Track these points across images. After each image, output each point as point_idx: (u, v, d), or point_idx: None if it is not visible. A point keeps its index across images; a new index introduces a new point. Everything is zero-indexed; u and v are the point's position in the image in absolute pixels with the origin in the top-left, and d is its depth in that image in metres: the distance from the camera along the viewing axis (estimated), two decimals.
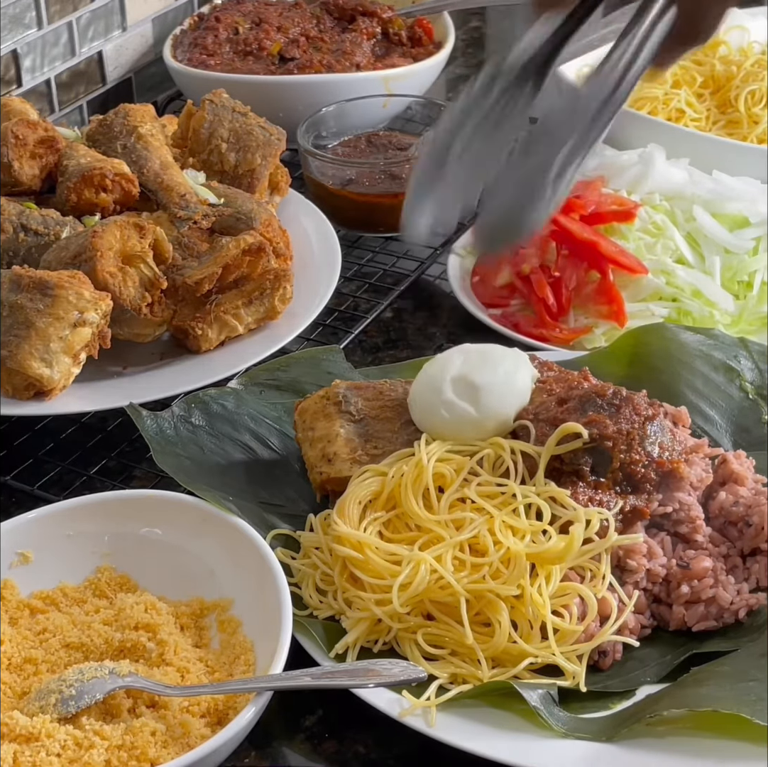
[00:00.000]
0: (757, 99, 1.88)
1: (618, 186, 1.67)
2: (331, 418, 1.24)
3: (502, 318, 1.56)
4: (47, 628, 1.11)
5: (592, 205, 1.61)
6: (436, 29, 2.01)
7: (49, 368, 1.29)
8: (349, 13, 1.99)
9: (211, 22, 1.96)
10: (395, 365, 1.43)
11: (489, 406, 1.18)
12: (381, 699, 1.06)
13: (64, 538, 1.18)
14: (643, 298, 1.56)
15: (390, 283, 1.64)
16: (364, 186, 1.64)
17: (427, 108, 1.80)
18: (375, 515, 1.16)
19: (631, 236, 1.60)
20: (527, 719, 1.05)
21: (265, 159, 1.57)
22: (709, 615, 1.14)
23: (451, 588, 1.09)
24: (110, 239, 1.35)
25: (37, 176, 1.49)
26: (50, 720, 0.99)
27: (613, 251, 1.56)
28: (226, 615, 1.13)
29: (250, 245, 1.39)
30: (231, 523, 1.16)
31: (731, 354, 1.39)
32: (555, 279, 1.55)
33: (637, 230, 1.61)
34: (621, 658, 1.12)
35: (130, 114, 1.56)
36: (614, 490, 1.15)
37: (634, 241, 1.60)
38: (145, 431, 1.26)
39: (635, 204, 1.62)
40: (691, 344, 1.39)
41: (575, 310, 1.55)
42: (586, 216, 1.60)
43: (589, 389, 1.19)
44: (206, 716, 1.03)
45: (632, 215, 1.60)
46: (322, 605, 1.15)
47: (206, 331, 1.40)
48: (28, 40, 1.83)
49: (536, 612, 1.09)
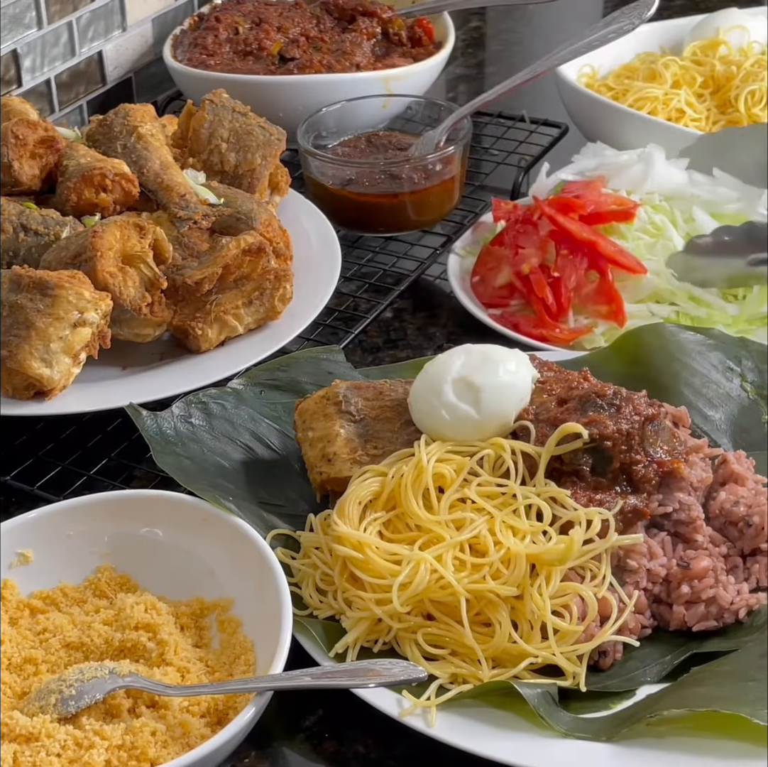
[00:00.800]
0: (757, 99, 1.88)
1: (618, 186, 1.67)
2: (331, 418, 1.24)
3: (501, 318, 1.56)
4: (47, 628, 1.11)
5: (591, 205, 1.61)
6: (436, 29, 2.01)
7: (49, 368, 1.29)
8: (349, 13, 1.99)
9: (211, 22, 1.96)
10: (395, 365, 1.43)
11: (489, 407, 1.18)
12: (381, 699, 1.06)
13: (64, 538, 1.18)
14: (642, 298, 1.56)
15: (390, 283, 1.64)
16: (364, 186, 1.64)
17: (427, 108, 1.80)
18: (375, 515, 1.16)
19: (630, 236, 1.60)
20: (527, 719, 1.05)
21: (265, 159, 1.57)
22: (709, 615, 1.14)
23: (451, 588, 1.09)
24: (110, 239, 1.35)
25: (37, 176, 1.49)
26: (50, 720, 0.99)
27: (612, 250, 1.56)
28: (226, 615, 1.14)
29: (250, 245, 1.39)
30: (231, 523, 1.16)
31: (731, 354, 1.39)
32: (554, 279, 1.55)
33: (636, 230, 1.61)
34: (621, 658, 1.12)
35: (130, 114, 1.56)
36: (614, 490, 1.15)
37: (633, 240, 1.60)
38: (145, 431, 1.26)
39: (634, 204, 1.62)
40: (691, 344, 1.39)
41: (575, 310, 1.55)
42: (585, 216, 1.60)
43: (589, 390, 1.19)
44: (206, 716, 1.03)
45: (631, 214, 1.60)
46: (322, 605, 1.15)
47: (206, 331, 1.40)
48: (28, 40, 1.83)
49: (536, 612, 1.09)
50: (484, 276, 1.62)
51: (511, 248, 1.60)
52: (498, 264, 1.61)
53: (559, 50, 1.70)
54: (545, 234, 1.58)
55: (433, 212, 1.68)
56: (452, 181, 1.66)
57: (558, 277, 1.55)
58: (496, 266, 1.61)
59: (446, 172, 1.64)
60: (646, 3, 1.67)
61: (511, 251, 1.59)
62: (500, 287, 1.60)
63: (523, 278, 1.57)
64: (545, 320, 1.53)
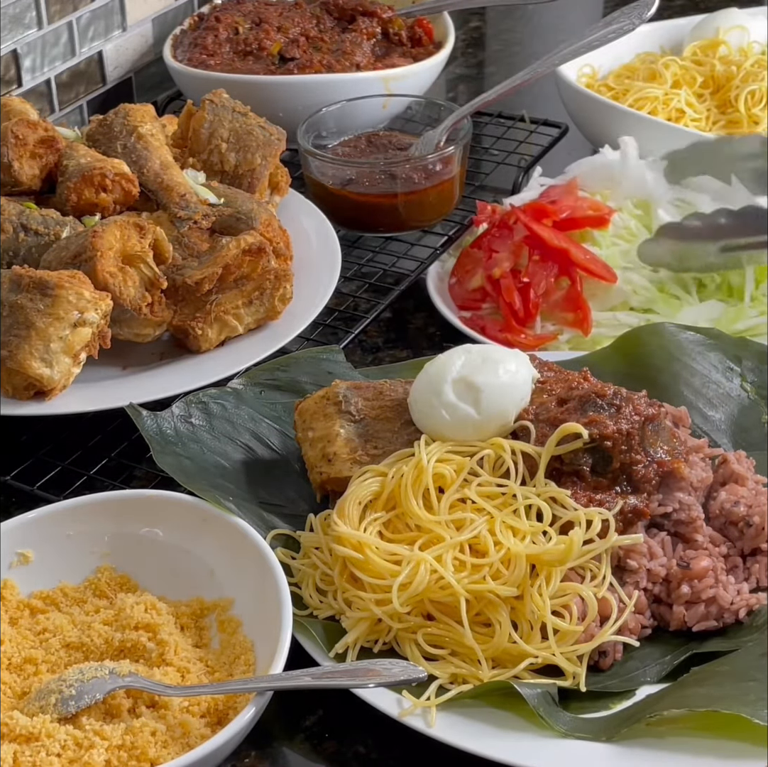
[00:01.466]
0: (757, 99, 1.88)
1: (592, 187, 1.66)
2: (331, 418, 1.24)
3: (470, 321, 1.56)
4: (47, 628, 1.11)
5: (567, 210, 1.61)
6: (436, 29, 2.00)
7: (49, 368, 1.29)
8: (349, 13, 1.99)
9: (211, 22, 1.96)
10: (395, 365, 1.43)
11: (490, 407, 1.18)
12: (381, 699, 1.06)
13: (64, 538, 1.18)
14: (612, 306, 1.56)
15: (390, 283, 1.64)
16: (364, 186, 1.64)
17: (427, 108, 1.79)
18: (375, 515, 1.16)
19: (604, 242, 1.59)
20: (527, 719, 1.05)
21: (265, 159, 1.57)
22: (709, 615, 1.14)
23: (451, 589, 1.09)
24: (110, 239, 1.35)
25: (37, 176, 1.49)
26: (50, 720, 0.99)
27: (584, 258, 1.56)
28: (226, 615, 1.13)
29: (250, 245, 1.39)
30: (231, 523, 1.16)
31: (731, 354, 1.39)
32: (524, 285, 1.55)
33: (612, 235, 1.60)
34: (621, 658, 1.12)
35: (130, 114, 1.56)
36: (614, 490, 1.15)
37: (607, 247, 1.59)
38: (145, 431, 1.26)
39: (609, 210, 1.61)
40: (691, 344, 1.39)
41: (542, 316, 1.55)
42: (559, 221, 1.60)
43: (589, 390, 1.19)
44: (206, 716, 1.03)
45: (606, 220, 1.60)
46: (322, 605, 1.15)
47: (206, 331, 1.40)
48: (28, 40, 1.83)
49: (536, 612, 1.09)
50: (460, 278, 1.62)
51: (485, 251, 1.60)
52: (474, 267, 1.62)
53: (559, 50, 1.70)
54: (519, 239, 1.58)
55: (433, 212, 1.68)
56: (452, 182, 1.66)
57: (528, 282, 1.55)
58: (472, 269, 1.62)
59: (446, 172, 1.64)
60: (646, 3, 1.67)
61: (486, 254, 1.60)
62: (473, 289, 1.60)
63: (494, 282, 1.58)
64: (511, 324, 1.53)
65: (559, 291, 1.55)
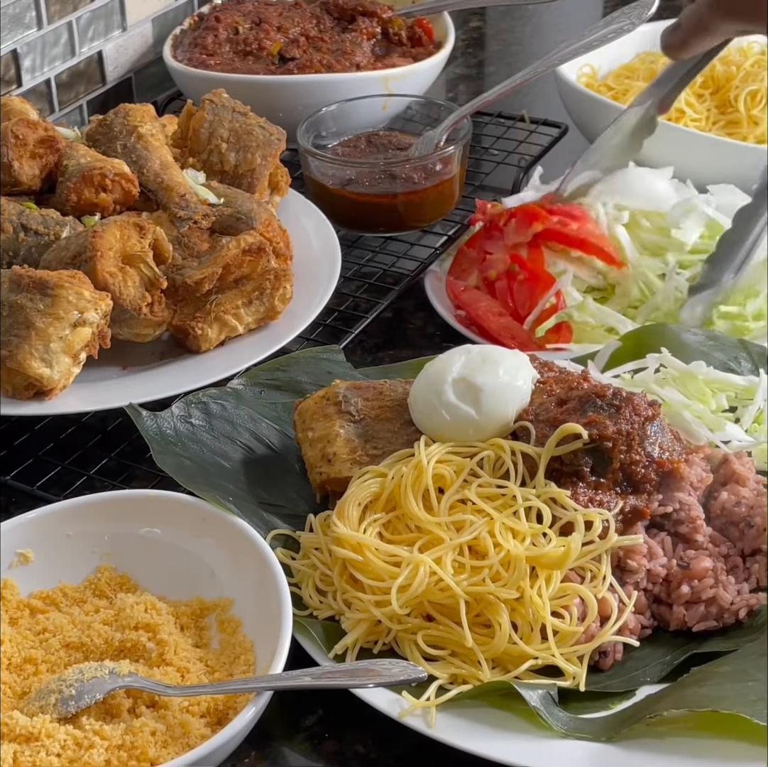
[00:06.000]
0: (757, 100, 1.88)
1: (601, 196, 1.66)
2: (330, 418, 1.24)
3: (466, 319, 1.56)
4: (47, 628, 1.11)
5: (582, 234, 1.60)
6: (436, 29, 2.01)
7: (49, 368, 1.29)
8: (349, 13, 1.99)
9: (211, 22, 1.96)
10: (395, 365, 1.43)
11: (490, 408, 1.18)
12: (381, 699, 1.06)
13: (64, 538, 1.18)
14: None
15: (390, 283, 1.64)
16: (364, 186, 1.64)
17: (427, 108, 1.79)
18: (375, 516, 1.16)
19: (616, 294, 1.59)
20: (527, 719, 1.05)
21: (265, 159, 1.57)
22: (709, 615, 1.14)
23: (450, 590, 1.09)
24: (110, 239, 1.35)
25: (37, 176, 1.49)
26: (50, 720, 0.99)
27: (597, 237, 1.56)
28: (226, 615, 1.13)
29: (250, 244, 1.39)
30: (231, 523, 1.16)
31: (731, 355, 1.39)
32: (520, 284, 1.55)
33: None
34: (621, 658, 1.12)
35: (130, 114, 1.56)
36: (614, 490, 1.15)
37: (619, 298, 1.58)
38: (144, 431, 1.26)
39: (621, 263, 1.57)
40: (691, 344, 1.39)
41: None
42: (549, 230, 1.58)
43: (589, 390, 1.19)
44: (206, 716, 1.03)
45: (618, 264, 1.57)
46: (322, 605, 1.15)
47: (206, 331, 1.40)
48: (28, 40, 1.83)
49: (536, 613, 1.08)
50: (457, 277, 1.62)
51: (479, 252, 1.60)
52: (470, 266, 1.62)
53: (559, 50, 1.69)
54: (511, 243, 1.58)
55: (433, 211, 1.68)
56: (452, 181, 1.66)
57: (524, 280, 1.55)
58: (468, 268, 1.62)
59: (446, 172, 1.64)
60: (646, 3, 1.67)
61: (479, 255, 1.60)
62: (469, 288, 1.61)
63: (490, 284, 1.58)
64: (510, 324, 1.54)
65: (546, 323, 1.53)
